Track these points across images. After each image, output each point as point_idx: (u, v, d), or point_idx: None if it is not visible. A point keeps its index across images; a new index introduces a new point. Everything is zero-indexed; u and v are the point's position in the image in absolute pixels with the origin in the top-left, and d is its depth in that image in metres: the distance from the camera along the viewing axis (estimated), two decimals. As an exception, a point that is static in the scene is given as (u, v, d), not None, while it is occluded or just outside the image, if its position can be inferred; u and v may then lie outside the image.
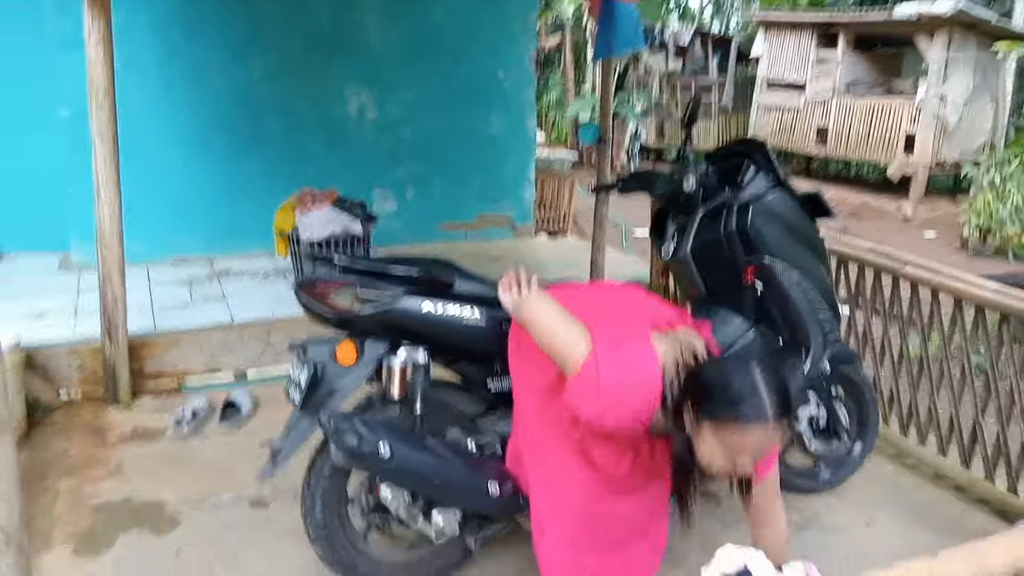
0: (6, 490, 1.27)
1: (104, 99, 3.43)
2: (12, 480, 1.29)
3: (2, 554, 1.27)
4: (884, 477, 3.26)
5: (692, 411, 1.72)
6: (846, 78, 12.87)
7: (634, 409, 1.81)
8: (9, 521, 1.27)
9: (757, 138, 3.05)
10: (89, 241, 3.88)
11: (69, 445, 3.30)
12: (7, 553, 1.27)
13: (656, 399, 1.80)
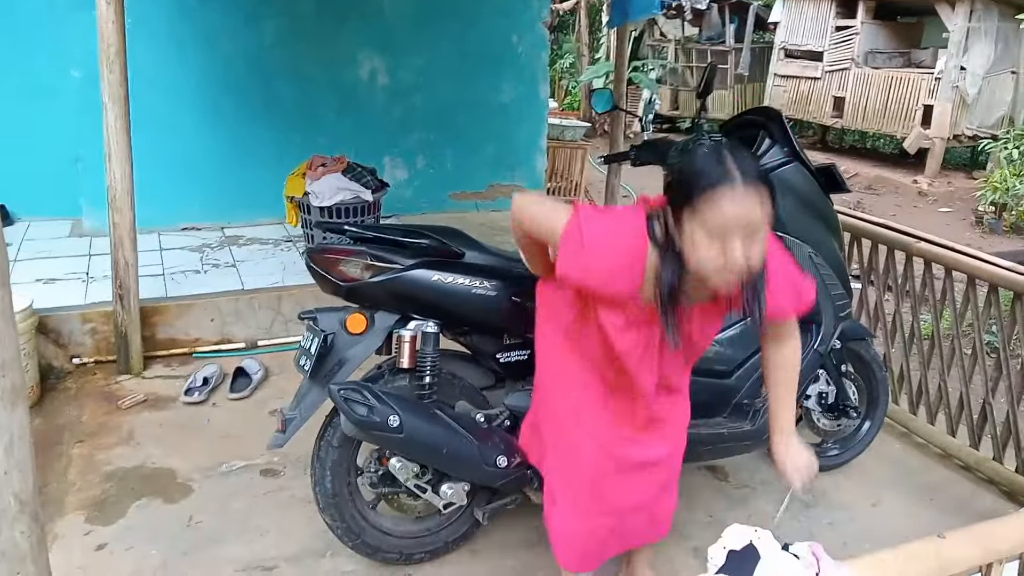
0: (20, 458, 1.28)
1: (115, 60, 3.41)
2: (26, 448, 1.30)
3: (16, 521, 1.28)
4: (892, 456, 3.26)
5: (674, 217, 1.66)
6: (865, 47, 12.66)
7: (621, 257, 1.74)
8: (23, 488, 1.29)
9: (772, 108, 3.00)
10: (100, 207, 3.88)
11: (82, 411, 3.34)
12: (21, 520, 1.29)
13: (643, 242, 1.73)
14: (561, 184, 7.72)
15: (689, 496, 2.90)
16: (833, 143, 14.36)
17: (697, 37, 15.46)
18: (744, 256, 1.59)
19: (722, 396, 2.70)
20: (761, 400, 2.69)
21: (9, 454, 1.25)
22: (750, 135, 2.82)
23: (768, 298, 1.77)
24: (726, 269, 1.60)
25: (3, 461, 1.24)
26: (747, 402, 2.70)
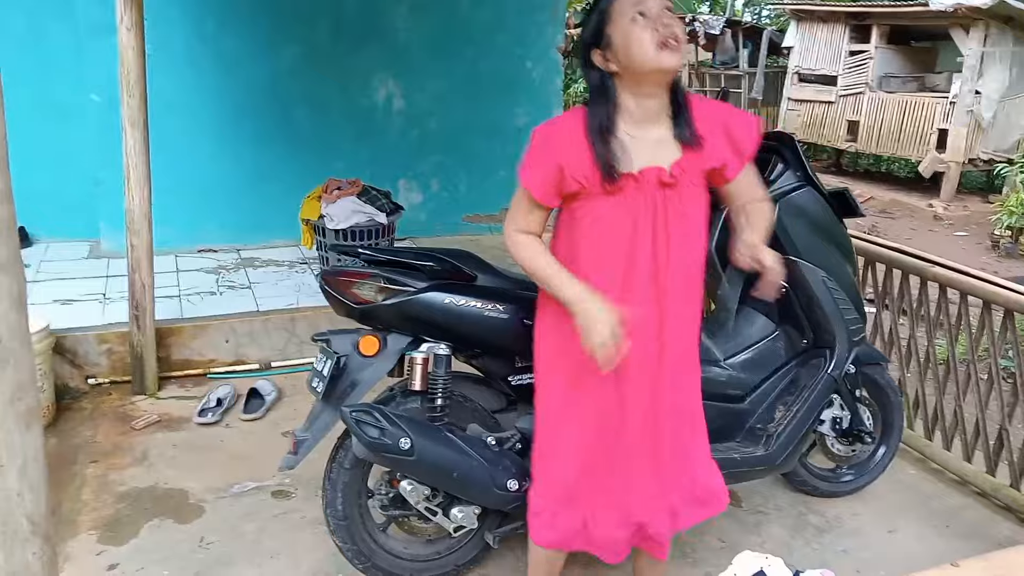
0: (34, 480, 1.29)
1: (135, 85, 3.47)
2: (40, 470, 1.31)
3: (28, 543, 1.29)
4: (907, 482, 3.23)
5: (601, 55, 1.80)
6: (879, 72, 12.68)
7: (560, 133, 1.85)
8: (35, 510, 1.29)
9: (785, 133, 3.01)
10: (118, 229, 3.92)
11: (96, 431, 3.36)
12: (33, 542, 1.30)
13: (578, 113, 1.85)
14: (574, 207, 7.73)
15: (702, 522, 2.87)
16: (848, 166, 14.34)
17: (711, 61, 15.56)
18: (670, 23, 1.73)
19: (735, 420, 2.69)
20: (775, 425, 2.68)
21: (23, 475, 1.26)
22: (763, 159, 2.83)
23: (711, 154, 1.88)
24: (658, 31, 1.73)
25: (16, 483, 1.26)
26: (760, 427, 2.69)
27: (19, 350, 1.23)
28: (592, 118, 1.82)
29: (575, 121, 1.84)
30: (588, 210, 1.86)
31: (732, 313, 2.77)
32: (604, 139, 1.80)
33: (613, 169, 1.79)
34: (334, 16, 5.40)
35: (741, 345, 2.74)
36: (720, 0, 22.09)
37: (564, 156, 1.82)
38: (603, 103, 1.82)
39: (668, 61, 1.75)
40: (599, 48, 1.81)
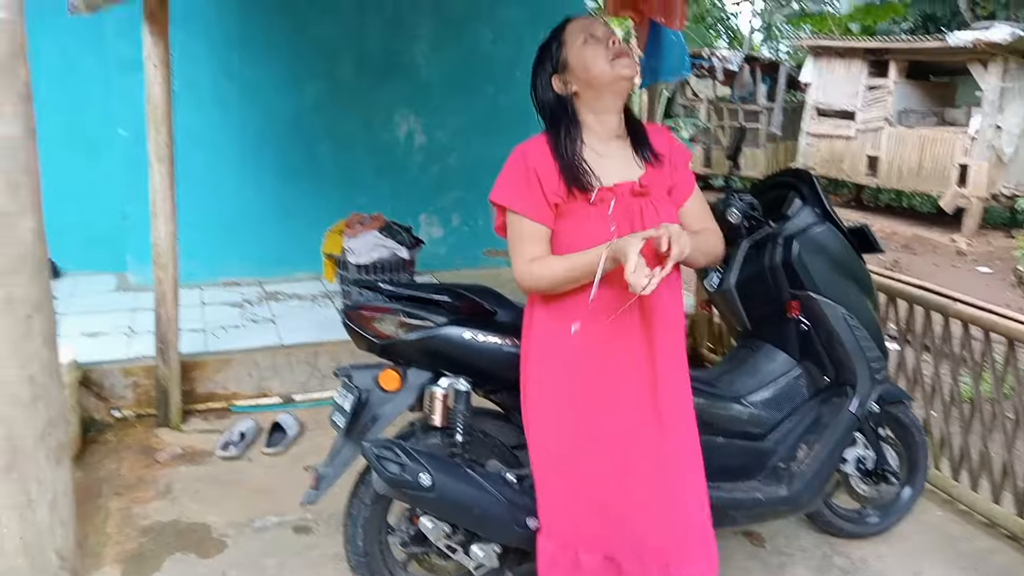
0: (63, 515, 1.31)
1: (162, 121, 3.54)
2: (69, 505, 1.34)
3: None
4: (934, 523, 3.18)
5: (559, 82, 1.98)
6: (898, 107, 12.67)
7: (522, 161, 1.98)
8: (65, 545, 1.32)
9: (803, 169, 3.03)
10: (145, 262, 3.99)
11: (120, 465, 3.39)
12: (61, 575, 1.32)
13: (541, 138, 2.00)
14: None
15: (724, 562, 2.82)
16: (868, 202, 14.29)
17: (729, 96, 15.61)
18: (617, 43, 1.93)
19: (756, 459, 2.67)
20: (797, 464, 2.66)
21: (53, 510, 1.28)
22: (782, 196, 2.84)
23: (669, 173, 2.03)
24: (608, 48, 1.92)
25: (47, 517, 1.28)
26: (783, 466, 2.67)
27: (50, 387, 1.25)
28: (555, 137, 1.97)
29: (542, 143, 1.99)
30: (569, 225, 1.96)
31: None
32: (570, 154, 1.94)
33: (583, 181, 1.92)
34: (357, 53, 5.51)
35: (762, 382, 2.73)
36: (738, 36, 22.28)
37: (540, 175, 1.94)
38: (564, 123, 1.98)
39: (624, 70, 1.93)
40: (558, 74, 1.99)
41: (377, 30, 5.52)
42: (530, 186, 1.95)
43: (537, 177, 1.94)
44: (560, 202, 1.94)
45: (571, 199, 1.93)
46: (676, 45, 4.60)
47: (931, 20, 14.95)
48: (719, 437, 2.59)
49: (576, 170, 1.92)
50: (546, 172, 1.94)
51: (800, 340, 2.73)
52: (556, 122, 1.99)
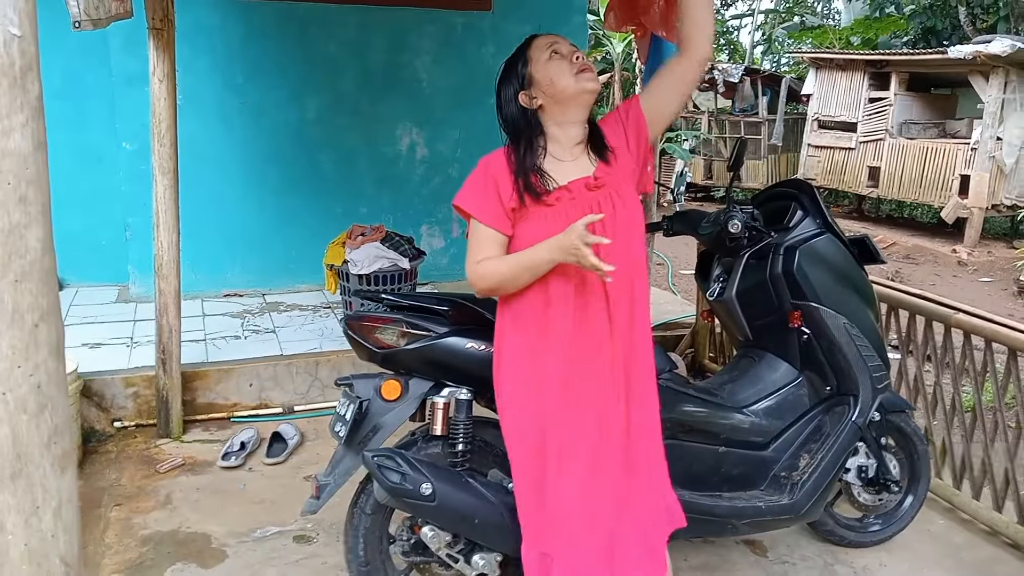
0: (68, 522, 1.32)
1: (166, 134, 3.56)
2: (73, 512, 1.34)
3: (62, 584, 1.32)
4: (936, 532, 3.17)
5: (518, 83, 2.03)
6: (899, 119, 12.72)
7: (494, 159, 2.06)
8: (69, 552, 1.32)
9: (804, 180, 3.04)
10: (147, 274, 4.00)
11: (121, 474, 3.39)
12: (66, 583, 1.32)
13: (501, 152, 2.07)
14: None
15: (726, 571, 2.84)
16: (869, 212, 14.32)
17: (730, 109, 15.68)
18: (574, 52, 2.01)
19: (758, 468, 2.67)
20: (800, 473, 2.66)
21: (57, 517, 1.29)
22: (782, 207, 2.85)
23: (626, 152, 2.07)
24: (571, 61, 1.99)
25: (51, 524, 1.28)
26: (785, 475, 2.67)
27: (56, 396, 1.27)
28: (515, 149, 2.04)
29: (503, 155, 2.07)
30: (530, 228, 2.00)
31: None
32: (528, 164, 2.00)
33: (535, 189, 1.99)
34: (360, 66, 5.54)
35: (763, 391, 2.73)
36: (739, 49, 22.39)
37: (499, 183, 2.01)
38: (527, 135, 2.04)
39: (589, 84, 2.00)
40: (524, 90, 2.04)
41: (379, 44, 5.55)
42: (487, 193, 2.03)
43: (496, 185, 2.01)
44: (516, 207, 2.01)
45: (530, 204, 2.00)
46: (676, 57, 4.62)
47: (932, 33, 15.02)
48: (721, 446, 2.60)
49: (528, 179, 2.00)
50: (504, 181, 2.01)
51: (802, 350, 2.74)
52: (518, 135, 2.06)
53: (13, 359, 1.22)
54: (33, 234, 1.22)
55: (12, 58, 1.18)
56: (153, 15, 3.48)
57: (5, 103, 1.18)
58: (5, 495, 1.24)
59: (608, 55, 15.62)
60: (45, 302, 1.24)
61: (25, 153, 1.20)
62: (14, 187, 1.19)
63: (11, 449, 1.23)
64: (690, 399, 2.56)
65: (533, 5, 5.91)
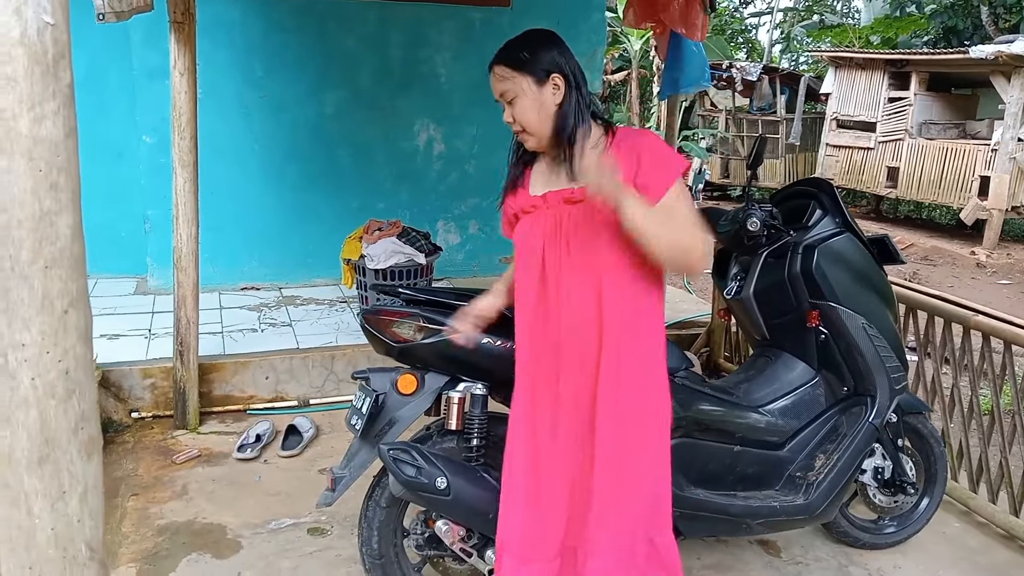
0: (93, 507, 1.33)
1: (186, 127, 3.59)
2: (99, 498, 1.36)
3: (87, 568, 1.33)
4: (951, 535, 3.15)
5: None
6: (919, 119, 12.61)
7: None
8: (94, 536, 1.34)
9: (823, 178, 3.02)
10: (165, 266, 4.02)
11: (138, 465, 3.42)
12: (91, 568, 1.34)
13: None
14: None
15: (739, 571, 2.83)
16: (887, 213, 14.21)
17: (748, 107, 15.60)
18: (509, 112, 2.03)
19: (774, 468, 2.66)
20: (815, 473, 2.65)
21: (83, 502, 1.31)
22: (801, 205, 2.84)
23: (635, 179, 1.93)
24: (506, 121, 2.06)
25: (77, 509, 1.30)
26: (800, 475, 2.66)
27: (84, 382, 1.29)
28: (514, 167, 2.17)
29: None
30: (517, 233, 2.12)
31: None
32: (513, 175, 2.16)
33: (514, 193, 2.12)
34: (379, 62, 5.55)
35: (780, 391, 2.72)
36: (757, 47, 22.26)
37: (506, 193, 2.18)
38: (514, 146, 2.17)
39: (526, 143, 2.07)
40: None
41: (398, 39, 5.56)
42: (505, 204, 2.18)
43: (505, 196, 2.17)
44: (517, 212, 2.11)
45: (518, 210, 2.10)
46: (696, 56, 4.61)
47: (953, 33, 14.87)
48: (736, 446, 2.59)
49: (509, 187, 2.14)
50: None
51: (819, 349, 2.73)
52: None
53: (43, 344, 1.24)
54: (63, 221, 1.24)
55: (45, 46, 1.19)
56: (175, 9, 3.50)
57: (38, 90, 1.19)
58: (32, 479, 1.26)
59: (625, 52, 15.57)
60: (75, 288, 1.26)
61: (56, 140, 1.22)
62: (45, 174, 1.20)
63: (39, 434, 1.25)
64: (706, 398, 2.55)
65: (552, 1, 5.90)
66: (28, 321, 1.24)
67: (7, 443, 1.25)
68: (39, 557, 1.29)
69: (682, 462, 2.45)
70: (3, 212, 1.20)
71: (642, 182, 1.92)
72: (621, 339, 1.98)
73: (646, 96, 16.34)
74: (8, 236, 1.20)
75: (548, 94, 1.99)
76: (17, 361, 1.24)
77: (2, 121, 1.18)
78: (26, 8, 1.16)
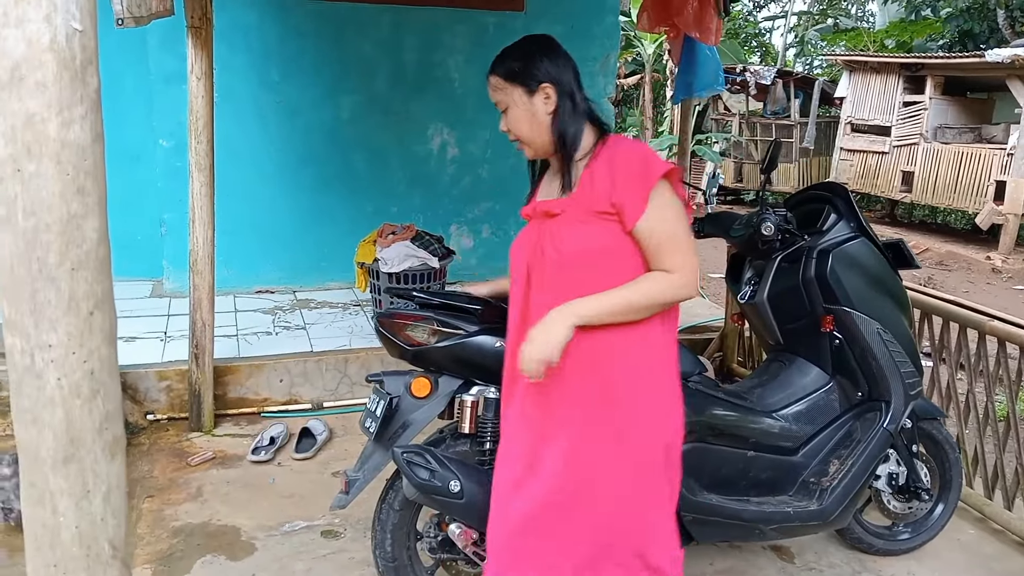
0: (116, 506, 1.36)
1: (203, 131, 3.62)
2: (122, 497, 1.38)
3: (109, 567, 1.36)
4: (966, 542, 3.13)
5: None
6: (934, 123, 12.54)
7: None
8: (116, 535, 1.36)
9: (838, 184, 3.01)
10: (181, 269, 4.05)
11: (153, 467, 3.44)
12: (113, 566, 1.36)
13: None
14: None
15: (752, 576, 2.83)
16: (902, 217, 14.14)
17: (761, 111, 15.55)
18: (505, 121, 2.06)
19: (787, 473, 2.65)
20: (829, 479, 2.64)
21: (107, 501, 1.33)
22: (816, 210, 2.83)
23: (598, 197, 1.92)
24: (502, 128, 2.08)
25: (101, 508, 1.32)
26: (814, 480, 2.65)
27: (109, 382, 1.31)
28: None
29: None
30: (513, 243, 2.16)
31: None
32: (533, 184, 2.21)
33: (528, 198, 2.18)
34: (393, 67, 5.57)
35: (794, 396, 2.72)
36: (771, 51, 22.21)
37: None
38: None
39: (525, 152, 2.11)
40: None
41: (412, 44, 5.58)
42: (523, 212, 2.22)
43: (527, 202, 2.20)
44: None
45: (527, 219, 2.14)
46: (710, 60, 4.61)
47: (969, 36, 14.80)
48: (750, 451, 2.58)
49: (529, 194, 2.19)
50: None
51: (833, 354, 2.72)
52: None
53: (68, 345, 1.26)
54: (90, 224, 1.26)
55: (74, 52, 1.22)
56: (192, 13, 3.53)
57: (67, 95, 1.22)
58: (58, 478, 1.28)
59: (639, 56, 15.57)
60: (100, 290, 1.29)
61: (84, 144, 1.24)
62: (73, 178, 1.23)
63: (65, 433, 1.27)
64: (719, 402, 2.55)
65: (566, 6, 5.91)
66: (55, 322, 1.26)
67: (33, 442, 1.28)
68: (64, 555, 1.31)
69: (695, 466, 2.45)
70: (32, 215, 1.22)
71: (618, 202, 1.88)
72: (597, 360, 1.94)
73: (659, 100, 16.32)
74: (36, 239, 1.23)
75: (539, 104, 1.98)
76: (44, 361, 1.26)
77: (32, 125, 1.20)
78: (56, 15, 1.19)
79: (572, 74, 2.00)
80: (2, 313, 1.27)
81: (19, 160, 1.21)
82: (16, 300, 1.25)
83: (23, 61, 1.19)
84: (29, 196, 1.22)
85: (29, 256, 1.23)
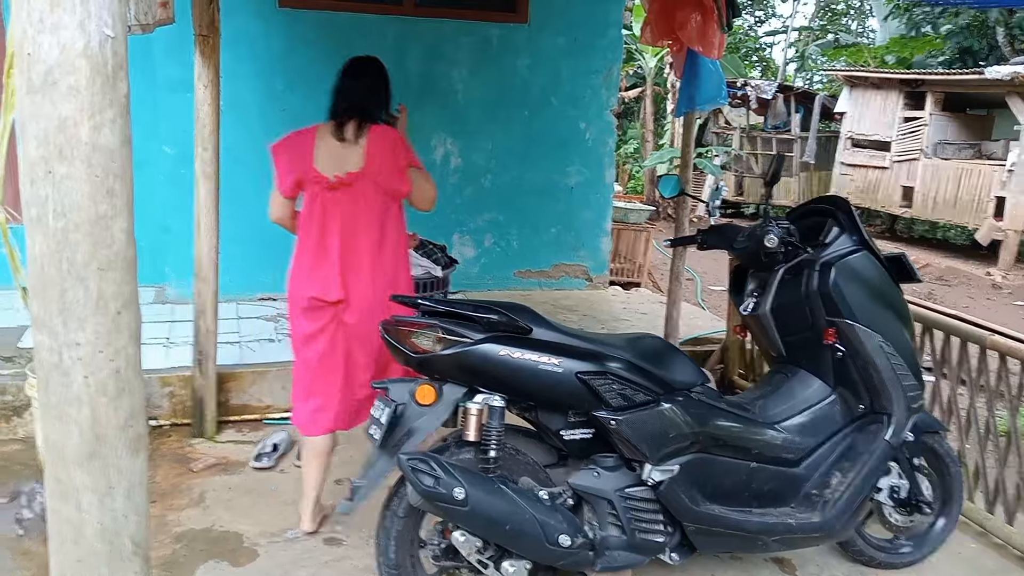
0: (137, 503, 1.37)
1: (209, 139, 3.64)
2: (143, 494, 1.40)
3: (131, 563, 1.37)
4: (967, 556, 3.13)
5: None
6: (934, 139, 12.60)
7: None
8: (138, 532, 1.38)
9: (840, 197, 3.04)
10: (183, 276, 4.06)
11: (156, 472, 3.44)
12: (135, 562, 1.38)
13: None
14: (625, 265, 7.78)
15: (754, 587, 2.83)
16: (902, 232, 14.18)
17: (762, 125, 15.61)
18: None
19: (790, 485, 2.66)
20: (831, 491, 2.65)
21: (128, 498, 1.35)
22: (818, 223, 2.85)
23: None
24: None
25: (123, 505, 1.35)
26: (816, 493, 2.66)
27: (134, 381, 1.34)
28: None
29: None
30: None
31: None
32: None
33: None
34: (396, 76, 5.52)
35: (796, 408, 2.73)
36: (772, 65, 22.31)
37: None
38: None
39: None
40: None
41: (416, 54, 5.62)
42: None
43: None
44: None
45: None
46: (713, 74, 4.64)
47: (968, 53, 14.88)
48: (752, 462, 2.59)
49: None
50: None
51: (835, 367, 2.73)
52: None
53: (96, 344, 1.29)
54: (118, 225, 1.29)
55: (106, 57, 1.25)
56: (200, 22, 3.56)
57: (98, 100, 1.25)
58: (82, 474, 1.29)
59: (640, 69, 15.63)
60: (127, 290, 1.32)
61: (113, 148, 1.27)
62: (102, 180, 1.26)
63: (90, 430, 1.29)
64: (722, 414, 2.56)
65: (569, 18, 5.95)
66: (83, 321, 1.29)
67: (60, 439, 1.30)
68: (87, 551, 1.33)
69: (698, 477, 2.46)
70: (62, 216, 1.25)
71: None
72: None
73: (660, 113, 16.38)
74: (66, 239, 1.26)
75: None
76: (71, 359, 1.29)
77: (64, 129, 1.23)
78: (89, 22, 1.22)
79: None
80: (31, 311, 1.29)
81: (51, 162, 1.24)
82: (45, 299, 1.27)
83: (56, 66, 1.22)
84: (60, 197, 1.25)
85: (59, 256, 1.26)
